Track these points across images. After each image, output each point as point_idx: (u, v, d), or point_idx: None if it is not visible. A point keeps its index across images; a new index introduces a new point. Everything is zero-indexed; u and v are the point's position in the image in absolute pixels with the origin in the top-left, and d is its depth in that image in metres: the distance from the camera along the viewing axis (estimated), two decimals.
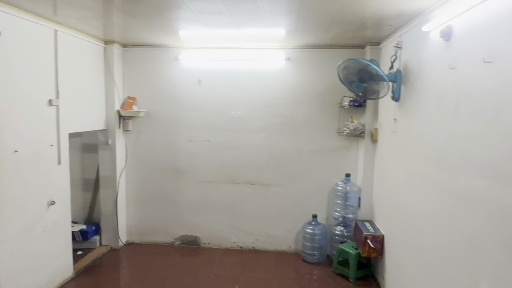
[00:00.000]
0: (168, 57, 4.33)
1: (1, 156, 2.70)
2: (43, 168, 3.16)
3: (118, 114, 4.29)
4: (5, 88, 2.72)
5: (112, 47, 4.14)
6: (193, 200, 4.50)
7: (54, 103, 3.25)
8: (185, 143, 4.43)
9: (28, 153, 2.98)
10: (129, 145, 4.50)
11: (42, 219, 3.17)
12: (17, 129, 2.85)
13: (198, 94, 4.35)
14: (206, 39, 3.90)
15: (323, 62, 4.14)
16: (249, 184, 4.41)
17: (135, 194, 4.57)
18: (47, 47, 3.17)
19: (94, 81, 3.99)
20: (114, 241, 4.40)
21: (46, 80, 3.18)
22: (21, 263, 2.93)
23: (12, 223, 2.83)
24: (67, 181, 3.53)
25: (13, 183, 2.83)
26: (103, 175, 4.35)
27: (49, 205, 3.26)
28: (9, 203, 2.79)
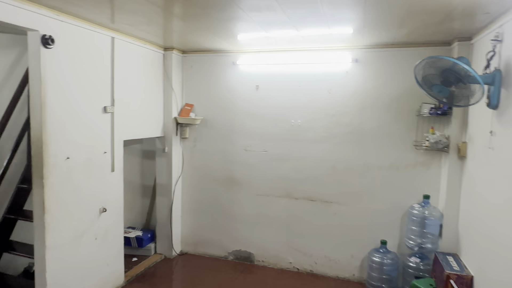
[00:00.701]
0: (226, 62, 4.15)
1: (53, 162, 2.72)
2: (95, 175, 3.16)
3: (176, 121, 4.23)
4: (59, 95, 2.74)
5: (171, 54, 4.09)
6: (247, 214, 4.22)
7: (108, 110, 3.25)
8: (241, 153, 4.19)
9: (81, 160, 2.99)
10: (186, 153, 4.41)
11: (93, 226, 3.16)
12: (70, 136, 2.87)
13: (255, 101, 4.08)
14: (264, 41, 3.61)
15: (398, 63, 3.55)
16: (308, 200, 3.98)
17: (190, 203, 4.46)
18: (103, 54, 3.18)
19: (152, 88, 3.97)
20: (168, 250, 4.32)
21: (102, 87, 3.18)
22: (70, 270, 2.93)
23: (63, 230, 2.84)
24: (120, 188, 3.51)
25: (65, 189, 2.84)
26: (160, 183, 4.32)
27: (101, 212, 3.25)
28: (60, 209, 2.81)
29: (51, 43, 2.61)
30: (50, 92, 2.66)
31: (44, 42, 2.57)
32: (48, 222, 2.71)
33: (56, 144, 2.74)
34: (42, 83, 2.59)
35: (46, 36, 2.57)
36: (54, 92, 2.69)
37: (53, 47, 2.64)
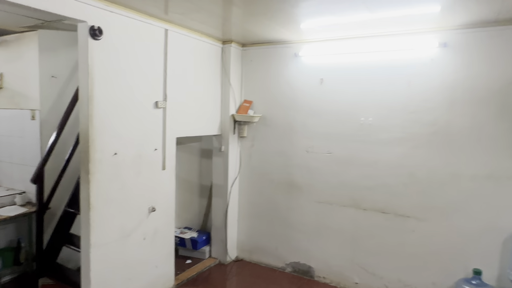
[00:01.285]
0: (287, 54, 3.77)
1: (99, 158, 2.63)
2: (145, 173, 3.04)
3: (233, 119, 3.98)
4: (107, 88, 2.65)
5: (229, 47, 3.85)
6: (307, 222, 3.77)
7: (160, 105, 3.11)
8: (301, 154, 3.76)
9: (129, 157, 2.88)
10: (244, 153, 4.13)
11: (141, 225, 3.04)
12: (118, 131, 2.77)
13: (319, 96, 3.62)
14: (330, 28, 3.18)
15: (502, 46, 2.80)
16: (378, 212, 3.39)
17: (247, 207, 4.17)
18: (156, 47, 3.05)
19: (209, 83, 3.77)
20: (223, 255, 4.09)
21: (153, 81, 3.05)
22: (116, 269, 2.84)
23: (108, 228, 2.75)
24: (171, 188, 3.36)
25: (112, 186, 2.75)
26: (215, 183, 4.11)
27: (150, 212, 3.12)
28: (106, 206, 2.72)
29: (99, 35, 2.52)
30: (98, 85, 2.58)
31: (92, 33, 2.49)
32: (93, 219, 2.63)
33: (103, 139, 2.65)
34: (90, 75, 2.52)
35: (94, 27, 2.49)
36: (102, 86, 2.61)
37: (101, 39, 2.55)
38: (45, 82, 3.46)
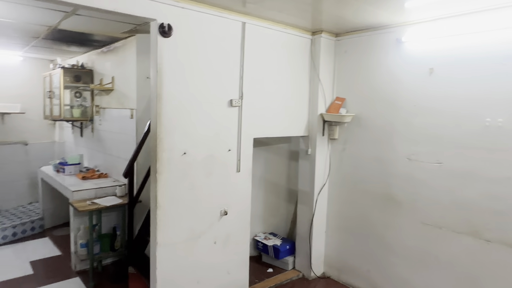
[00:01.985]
0: (387, 41, 3.12)
1: (167, 157, 2.60)
2: (216, 174, 2.90)
3: (322, 119, 3.54)
4: (177, 86, 2.59)
5: (319, 38, 3.43)
6: (408, 246, 3.06)
7: (235, 104, 2.93)
8: (402, 162, 3.07)
9: (200, 157, 2.79)
10: (334, 157, 3.64)
11: (212, 228, 2.93)
12: (188, 130, 2.69)
13: (427, 90, 2.88)
14: (444, 4, 2.45)
15: None
16: (509, 247, 2.48)
17: (336, 218, 3.66)
18: (231, 42, 2.88)
19: (295, 79, 3.42)
20: (307, 269, 3.69)
21: (228, 78, 2.89)
22: (183, 271, 2.78)
23: (176, 228, 2.70)
24: (247, 191, 3.16)
25: (180, 186, 2.70)
26: (301, 189, 3.74)
27: (222, 215, 2.98)
28: (174, 206, 2.68)
29: (168, 32, 2.48)
30: (166, 84, 2.54)
31: (161, 31, 2.46)
32: (160, 219, 2.61)
33: (171, 138, 2.61)
34: (158, 73, 2.49)
35: (163, 24, 2.45)
36: (171, 84, 2.56)
37: (170, 36, 2.50)
38: (141, 83, 3.69)
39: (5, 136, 5.28)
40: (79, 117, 4.74)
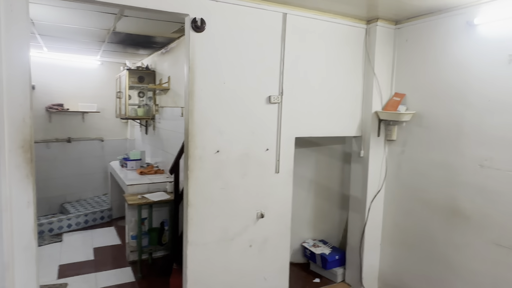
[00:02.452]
0: (456, 25, 2.64)
1: (199, 155, 2.55)
2: (252, 174, 2.77)
3: (377, 117, 3.16)
4: (210, 82, 2.52)
5: (375, 27, 3.07)
6: (477, 271, 2.54)
7: (274, 101, 2.76)
8: (472, 169, 2.56)
9: (234, 155, 2.68)
10: (391, 160, 3.23)
11: (247, 231, 2.80)
12: (221, 127, 2.60)
13: (506, 82, 2.35)
14: None
15: None
16: None
17: (392, 230, 3.24)
18: (270, 34, 2.71)
19: (346, 74, 3.11)
20: (357, 284, 3.34)
21: (266, 73, 2.73)
22: (215, 272, 2.70)
23: (208, 227, 2.63)
24: (287, 194, 2.95)
25: (212, 185, 2.62)
26: (353, 195, 3.40)
27: (258, 218, 2.83)
28: (206, 205, 2.61)
29: (200, 26, 2.42)
30: (198, 79, 2.48)
31: (194, 25, 2.41)
32: (191, 217, 2.57)
33: (203, 136, 2.55)
34: (190, 69, 2.45)
35: (195, 19, 2.40)
36: (203, 80, 2.50)
37: (203, 31, 2.44)
38: None
39: (85, 132, 5.88)
40: (143, 115, 5.03)
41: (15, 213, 2.04)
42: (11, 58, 1.96)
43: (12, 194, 2.02)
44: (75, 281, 3.44)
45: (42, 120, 5.41)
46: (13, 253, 2.05)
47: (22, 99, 2.01)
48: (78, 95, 5.66)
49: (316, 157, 3.87)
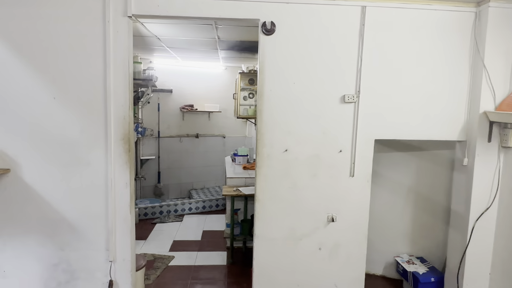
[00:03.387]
0: None
1: (267, 153, 2.65)
2: (323, 176, 2.70)
3: (487, 119, 2.61)
4: (279, 82, 2.59)
5: (486, 9, 2.54)
6: None
7: (348, 100, 2.62)
8: None
9: (303, 155, 2.67)
10: (507, 172, 2.61)
11: (316, 233, 2.75)
12: (290, 127, 2.63)
13: None
14: None
15: None
16: None
17: (507, 257, 2.61)
18: (345, 30, 2.58)
19: (444, 67, 2.68)
20: None
21: (340, 71, 2.61)
22: (282, 269, 2.76)
23: (275, 224, 2.72)
24: (364, 200, 2.75)
25: (280, 183, 2.69)
26: (454, 209, 2.90)
27: (329, 221, 2.74)
28: (273, 202, 2.70)
29: (270, 30, 2.52)
30: (268, 80, 2.59)
31: (264, 29, 2.53)
32: (258, 211, 2.70)
33: (271, 134, 2.64)
34: (260, 71, 2.58)
35: (265, 23, 2.52)
36: (272, 80, 2.59)
37: (273, 33, 2.53)
38: None
39: (210, 130, 6.70)
40: (253, 115, 5.41)
41: (117, 191, 2.59)
42: (116, 69, 2.50)
43: (115, 176, 2.57)
44: (180, 256, 4.04)
45: (177, 119, 6.45)
46: (115, 222, 2.61)
47: (123, 101, 2.53)
48: (205, 97, 6.50)
49: (417, 162, 3.43)
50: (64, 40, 2.44)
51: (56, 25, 2.42)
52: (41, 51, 2.43)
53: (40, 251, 2.60)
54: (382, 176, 3.45)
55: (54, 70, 2.46)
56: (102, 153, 2.55)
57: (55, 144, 2.52)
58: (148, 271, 3.59)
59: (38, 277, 2.62)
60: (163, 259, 3.92)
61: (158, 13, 2.50)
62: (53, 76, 2.46)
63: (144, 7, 2.47)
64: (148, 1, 2.46)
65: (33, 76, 2.45)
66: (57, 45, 2.44)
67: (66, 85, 2.48)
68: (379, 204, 3.45)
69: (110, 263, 2.64)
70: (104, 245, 2.62)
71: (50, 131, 2.51)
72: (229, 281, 3.46)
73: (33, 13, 2.41)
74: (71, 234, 2.60)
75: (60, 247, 2.61)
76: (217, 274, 3.61)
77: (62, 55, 2.45)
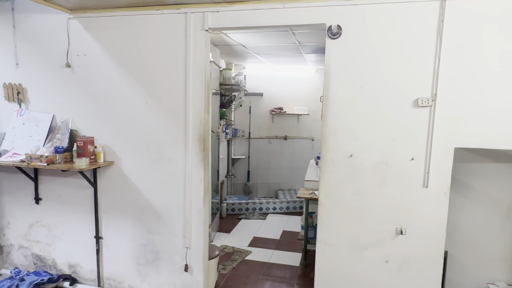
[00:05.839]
0: None
1: (331, 157, 2.63)
2: (391, 184, 2.54)
3: None
4: (343, 87, 2.54)
5: None
6: None
7: (422, 104, 2.41)
8: None
9: (370, 162, 2.56)
10: None
11: (382, 244, 2.60)
12: (356, 131, 2.56)
13: None
14: None
15: None
16: None
17: None
18: (420, 29, 2.38)
19: None
20: None
21: (413, 73, 2.42)
22: (343, 276, 2.69)
23: (337, 230, 2.67)
24: (440, 215, 2.48)
25: (344, 188, 2.63)
26: None
27: (397, 233, 2.56)
28: (336, 208, 2.66)
29: (336, 33, 2.50)
30: (333, 84, 2.57)
31: (330, 33, 2.52)
32: (321, 216, 2.70)
33: (335, 139, 2.61)
34: (326, 75, 2.58)
35: (331, 27, 2.51)
36: (337, 84, 2.56)
37: (339, 37, 2.51)
38: None
39: (299, 132, 6.79)
40: None
41: (193, 185, 2.91)
42: (195, 77, 2.81)
43: (192, 172, 2.90)
44: (257, 252, 4.24)
45: (266, 121, 6.73)
46: (191, 212, 2.94)
47: (200, 106, 2.84)
48: (295, 99, 6.62)
49: None
50: (155, 53, 2.86)
51: (150, 41, 2.86)
52: (138, 64, 2.91)
53: (133, 231, 3.10)
54: (474, 189, 3.03)
55: (147, 79, 2.91)
56: (181, 151, 2.90)
57: (146, 143, 2.97)
58: (226, 262, 3.89)
59: (131, 253, 3.13)
60: (241, 253, 4.18)
61: (231, 25, 2.72)
62: (146, 85, 2.92)
63: (219, 21, 2.72)
64: (222, 14, 2.70)
65: (132, 86, 2.94)
66: (149, 58, 2.88)
67: (155, 93, 2.91)
68: (471, 221, 3.03)
69: (186, 249, 2.98)
70: (182, 233, 2.98)
71: (143, 132, 2.97)
72: (298, 282, 3.51)
73: (135, 32, 2.90)
74: (156, 220, 3.03)
75: (147, 230, 3.06)
76: (288, 274, 3.69)
77: (152, 67, 2.88)
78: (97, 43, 2.98)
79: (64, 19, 3.02)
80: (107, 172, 3.09)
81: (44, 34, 3.10)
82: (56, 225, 3.29)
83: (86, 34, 3.00)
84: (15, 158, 2.97)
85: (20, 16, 3.15)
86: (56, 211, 3.26)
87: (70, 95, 3.11)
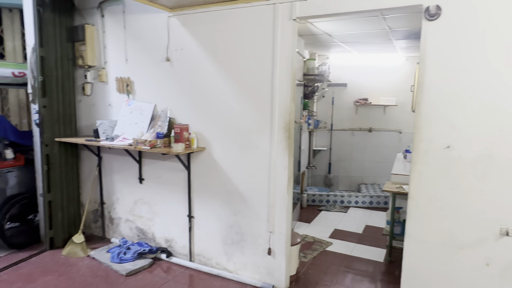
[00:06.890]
0: None
1: (424, 148, 2.46)
2: (496, 180, 2.28)
3: None
4: (442, 73, 2.35)
5: None
6: None
7: None
8: None
9: (470, 154, 2.33)
10: None
11: (482, 245, 2.36)
12: (454, 121, 2.35)
13: None
14: None
15: None
16: None
17: None
18: None
19: None
20: None
21: None
22: (433, 276, 2.51)
23: (428, 225, 2.50)
24: None
25: (438, 182, 2.44)
26: None
27: (501, 234, 2.30)
28: (428, 201, 2.48)
29: (434, 14, 2.32)
30: (429, 70, 2.39)
31: (427, 14, 2.35)
32: (411, 209, 2.55)
33: (430, 128, 2.43)
34: (421, 60, 2.41)
35: (429, 7, 2.33)
36: (434, 69, 2.37)
37: (437, 18, 2.32)
38: None
39: (385, 124, 6.44)
40: None
41: (277, 172, 3.00)
42: (282, 67, 2.88)
43: (277, 159, 2.99)
44: (338, 244, 4.19)
45: (350, 112, 6.52)
46: (275, 198, 3.04)
47: (286, 95, 2.90)
48: (381, 90, 6.28)
49: None
50: (243, 45, 3.00)
51: (238, 33, 3.01)
52: (228, 55, 3.09)
53: (221, 213, 3.32)
54: None
55: (235, 70, 3.07)
56: (267, 139, 3.00)
57: (234, 131, 3.15)
58: (306, 251, 3.93)
59: (219, 233, 3.36)
60: (321, 243, 4.18)
61: (319, 13, 2.71)
62: (235, 75, 3.08)
63: (306, 9, 2.73)
64: (310, 2, 2.70)
65: (221, 76, 3.14)
66: (238, 50, 3.03)
67: (243, 83, 3.05)
68: None
69: (270, 233, 3.09)
70: (266, 217, 3.10)
71: (232, 120, 3.15)
72: (382, 279, 3.38)
73: (225, 26, 3.07)
74: (242, 204, 3.20)
75: (234, 213, 3.25)
76: (371, 269, 3.58)
77: (240, 58, 3.03)
78: (192, 38, 3.24)
79: (164, 17, 3.34)
80: (199, 157, 3.35)
81: (148, 32, 3.48)
82: (155, 202, 3.69)
83: (183, 30, 3.28)
84: (124, 142, 3.41)
85: (129, 17, 3.57)
86: (156, 190, 3.66)
87: (168, 86, 3.44)
